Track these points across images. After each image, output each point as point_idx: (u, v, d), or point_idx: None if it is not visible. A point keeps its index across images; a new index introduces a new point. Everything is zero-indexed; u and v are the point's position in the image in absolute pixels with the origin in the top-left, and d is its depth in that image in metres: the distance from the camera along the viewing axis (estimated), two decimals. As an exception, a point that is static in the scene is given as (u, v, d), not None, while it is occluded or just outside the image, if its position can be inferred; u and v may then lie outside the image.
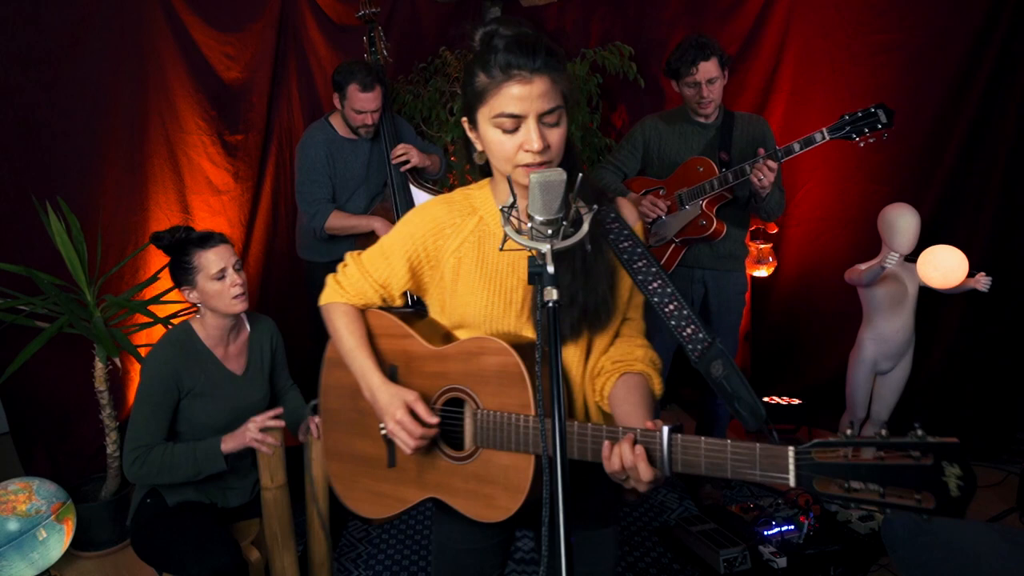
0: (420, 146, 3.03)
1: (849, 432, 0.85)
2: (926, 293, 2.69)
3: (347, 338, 1.31)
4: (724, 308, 2.69)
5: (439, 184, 3.33)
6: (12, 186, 2.57)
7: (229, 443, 1.85)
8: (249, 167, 3.27)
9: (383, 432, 1.26)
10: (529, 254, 0.97)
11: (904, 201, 2.68)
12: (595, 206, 1.04)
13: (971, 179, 2.96)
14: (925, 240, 2.64)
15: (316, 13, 3.41)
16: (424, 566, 2.45)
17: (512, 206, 1.03)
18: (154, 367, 1.85)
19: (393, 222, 2.84)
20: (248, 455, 1.92)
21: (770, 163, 2.30)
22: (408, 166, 2.83)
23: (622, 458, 1.00)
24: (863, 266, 2.69)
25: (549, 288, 0.93)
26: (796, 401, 3.34)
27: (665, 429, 0.98)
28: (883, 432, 0.82)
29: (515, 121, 1.07)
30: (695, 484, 2.89)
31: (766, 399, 3.38)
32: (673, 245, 2.64)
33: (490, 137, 1.11)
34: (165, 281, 2.70)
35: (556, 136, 1.09)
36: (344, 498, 1.39)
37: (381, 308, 1.35)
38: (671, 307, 1.16)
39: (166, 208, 3.02)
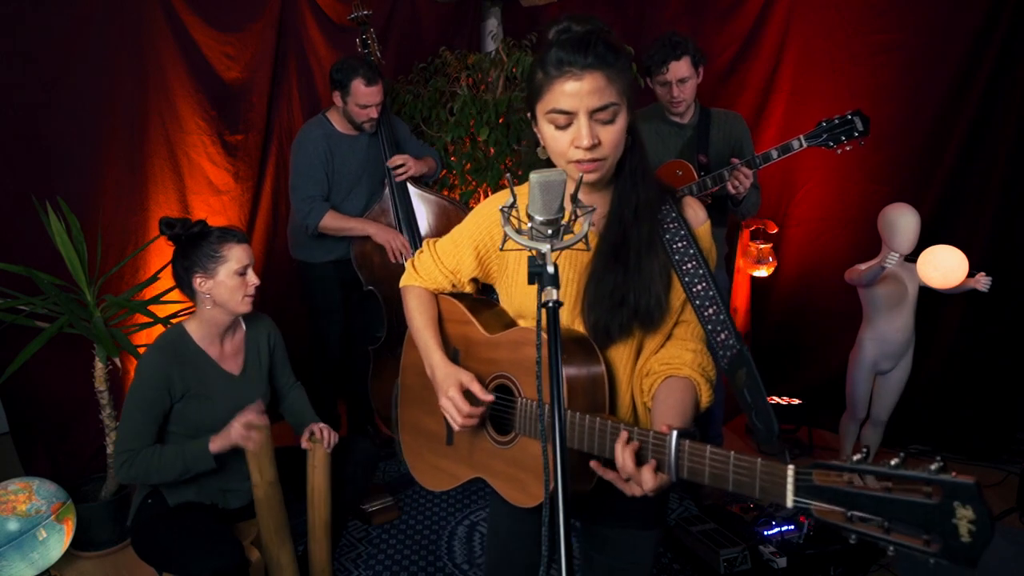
0: (415, 147, 3.03)
1: (857, 457, 0.77)
2: (926, 293, 2.69)
3: (416, 319, 1.38)
4: None
5: (437, 185, 3.33)
6: (12, 186, 2.57)
7: (217, 442, 1.85)
8: (249, 167, 3.27)
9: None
10: (529, 254, 0.97)
11: (904, 201, 2.68)
12: (593, 207, 1.03)
13: (971, 179, 2.96)
14: (925, 240, 2.64)
15: (316, 13, 3.41)
16: (424, 566, 2.45)
17: (512, 206, 1.03)
18: (145, 372, 1.84)
19: (390, 225, 2.84)
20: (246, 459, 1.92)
21: (746, 170, 2.33)
22: (404, 176, 2.83)
23: (618, 453, 1.02)
24: (863, 266, 2.69)
25: (549, 288, 0.93)
26: (796, 401, 3.33)
27: (674, 433, 0.98)
28: (894, 461, 0.73)
29: (567, 117, 1.08)
30: (695, 484, 2.88)
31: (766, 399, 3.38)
32: None
33: (546, 132, 1.13)
34: (165, 281, 2.70)
35: (609, 134, 1.09)
36: (411, 468, 1.50)
37: (453, 294, 1.42)
38: (710, 311, 1.16)
39: (166, 208, 3.02)
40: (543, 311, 0.93)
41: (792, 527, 2.36)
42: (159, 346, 1.89)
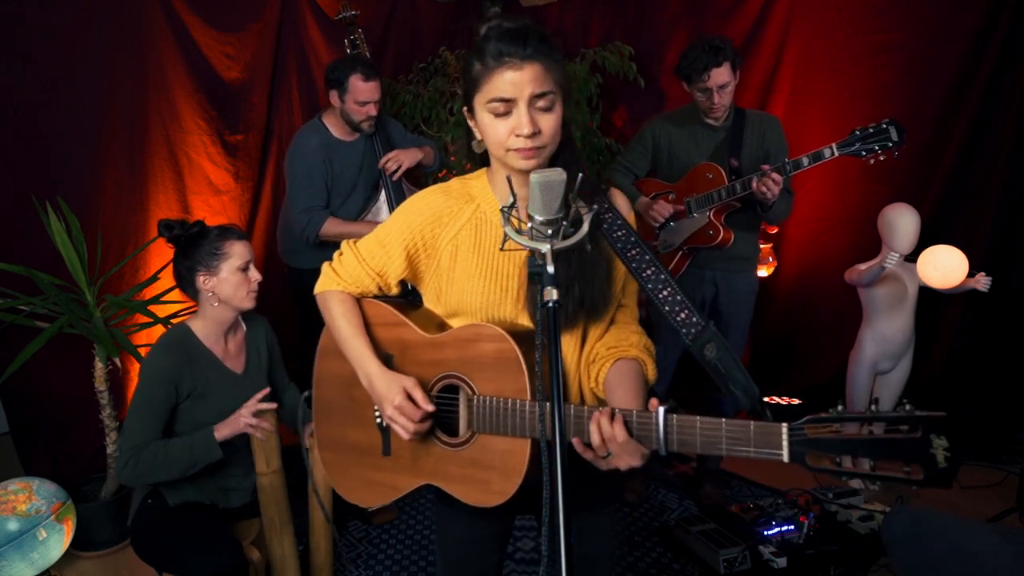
0: (411, 141, 2.98)
1: (840, 408, 0.87)
2: (926, 293, 2.69)
3: (344, 327, 1.31)
4: (734, 308, 2.68)
5: (434, 178, 3.32)
6: (12, 186, 2.57)
7: (223, 430, 1.84)
8: (249, 167, 3.27)
9: (379, 420, 1.28)
10: (526, 253, 0.97)
11: (904, 201, 2.68)
12: (595, 206, 1.04)
13: (971, 179, 2.97)
14: (925, 240, 2.64)
15: (316, 13, 3.41)
16: (424, 566, 2.45)
17: (512, 206, 1.03)
18: (153, 371, 1.84)
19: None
20: (249, 456, 1.92)
21: (775, 176, 2.28)
22: (399, 173, 2.80)
23: (600, 429, 1.04)
24: (863, 266, 2.69)
25: (549, 288, 0.94)
26: (796, 401, 3.34)
27: (661, 409, 1.01)
28: (873, 408, 0.85)
29: (507, 105, 1.10)
30: (695, 484, 2.89)
31: (766, 399, 3.38)
32: (680, 252, 2.64)
33: (485, 122, 1.14)
34: (165, 281, 2.70)
35: (548, 122, 1.11)
36: (337, 487, 1.42)
37: (376, 297, 1.36)
38: (665, 293, 1.19)
39: (166, 208, 3.02)
40: (543, 310, 0.94)
41: (792, 527, 2.36)
42: (165, 345, 1.89)
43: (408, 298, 1.38)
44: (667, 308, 1.18)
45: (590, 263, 1.17)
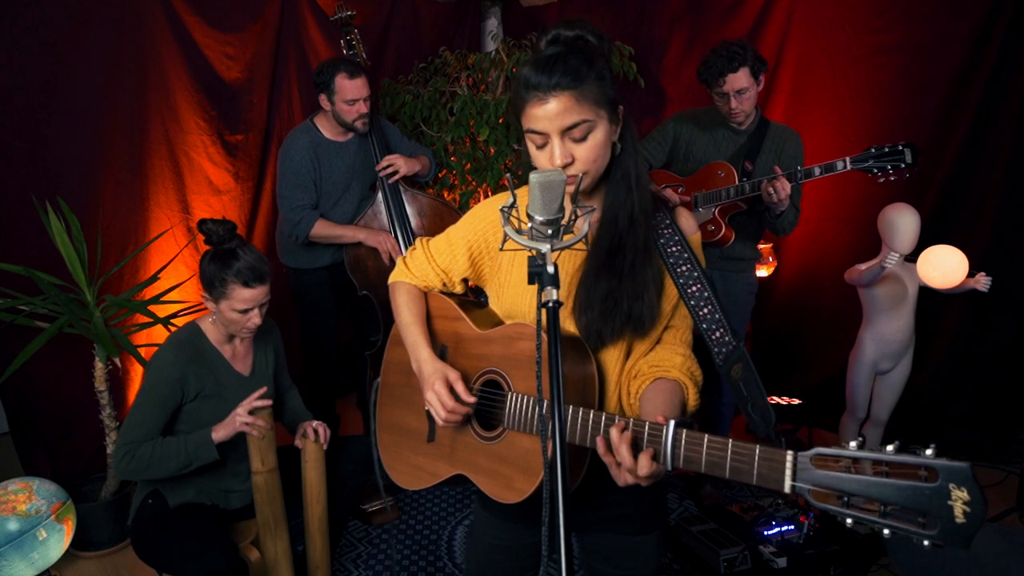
0: (408, 147, 2.99)
1: (854, 444, 0.79)
2: (926, 293, 2.69)
3: (405, 314, 1.37)
4: (732, 308, 2.69)
5: (437, 185, 3.33)
6: (12, 186, 2.57)
7: (220, 431, 1.85)
8: (249, 167, 3.27)
9: (427, 407, 1.31)
10: (529, 254, 0.97)
11: (904, 201, 2.68)
12: (593, 207, 1.04)
13: (971, 179, 2.96)
14: (925, 240, 2.64)
15: (316, 13, 3.41)
16: (424, 566, 2.45)
17: (512, 206, 1.03)
18: (161, 369, 1.84)
19: (383, 228, 2.82)
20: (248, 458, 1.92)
21: (784, 181, 2.30)
22: (396, 177, 2.79)
23: (611, 439, 1.01)
24: (863, 266, 2.69)
25: (549, 288, 0.93)
26: (796, 401, 3.33)
27: (671, 423, 0.98)
28: (890, 448, 0.76)
29: (542, 137, 1.10)
30: (695, 484, 2.89)
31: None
32: None
33: (528, 147, 1.15)
34: (165, 281, 2.71)
35: (583, 151, 1.10)
36: (387, 467, 1.47)
37: (443, 293, 1.41)
38: (705, 310, 1.20)
39: (166, 208, 3.02)
40: (543, 311, 0.93)
41: (792, 527, 2.36)
42: (176, 343, 1.89)
43: (480, 299, 1.42)
44: (704, 325, 1.19)
45: (641, 277, 1.16)
